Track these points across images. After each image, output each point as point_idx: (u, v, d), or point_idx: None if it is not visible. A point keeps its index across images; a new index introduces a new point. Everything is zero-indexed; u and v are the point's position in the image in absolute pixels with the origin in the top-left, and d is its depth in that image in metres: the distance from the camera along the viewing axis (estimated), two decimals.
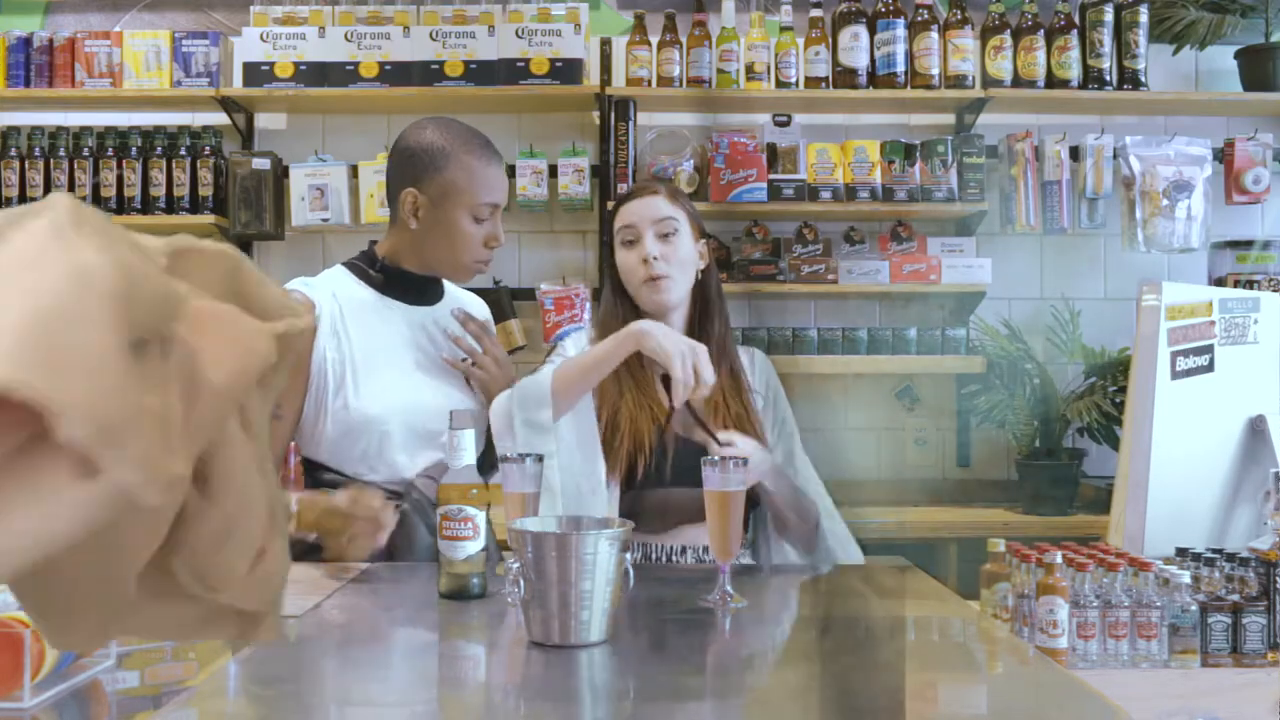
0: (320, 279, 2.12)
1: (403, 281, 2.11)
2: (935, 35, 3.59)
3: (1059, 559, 1.60)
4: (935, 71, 3.60)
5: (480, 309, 2.27)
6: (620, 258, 2.11)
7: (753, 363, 2.22)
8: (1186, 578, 1.62)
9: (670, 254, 2.07)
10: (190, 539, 0.56)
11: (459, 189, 2.03)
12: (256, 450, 0.60)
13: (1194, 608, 1.60)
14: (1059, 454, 3.46)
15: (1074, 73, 3.60)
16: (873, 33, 3.60)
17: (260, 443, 0.61)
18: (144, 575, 0.57)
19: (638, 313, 2.12)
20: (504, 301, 3.60)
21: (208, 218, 3.62)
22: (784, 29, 3.65)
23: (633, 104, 3.61)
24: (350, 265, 2.14)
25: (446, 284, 2.21)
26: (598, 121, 3.68)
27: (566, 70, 3.57)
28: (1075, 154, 3.67)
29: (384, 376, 2.04)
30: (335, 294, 2.08)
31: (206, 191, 3.65)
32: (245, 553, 0.60)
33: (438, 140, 2.05)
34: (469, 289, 2.30)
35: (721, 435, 1.91)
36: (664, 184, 2.20)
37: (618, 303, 2.15)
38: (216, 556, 0.58)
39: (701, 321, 2.15)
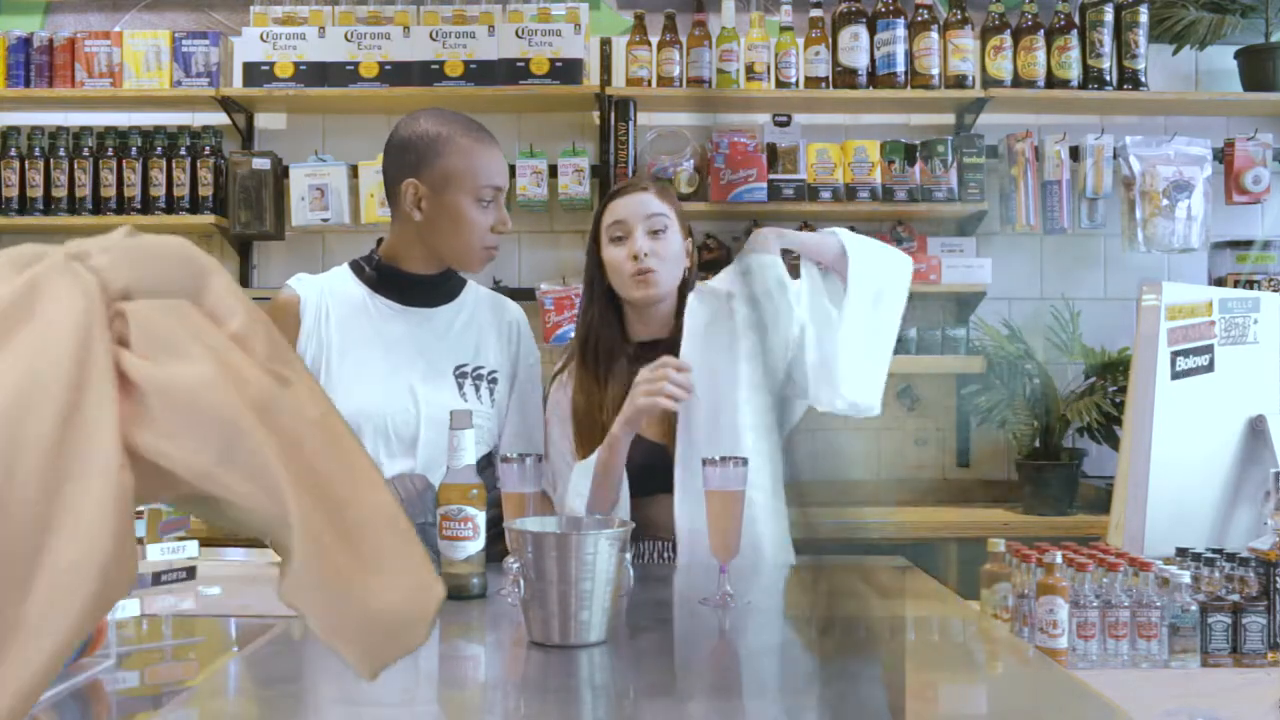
0: (322, 276, 2.11)
1: (398, 281, 2.06)
2: (935, 35, 3.59)
3: (1059, 559, 1.60)
4: (935, 71, 3.60)
5: (510, 311, 2.19)
6: (609, 254, 2.08)
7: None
8: (1186, 578, 1.62)
9: (660, 249, 2.06)
10: None
11: (460, 174, 1.99)
12: None
13: (1194, 608, 1.60)
14: (1059, 454, 3.46)
15: (1074, 73, 3.60)
16: (873, 33, 3.60)
17: None
18: None
19: (620, 314, 2.13)
20: None
21: (208, 218, 3.62)
22: (784, 29, 3.65)
23: (633, 104, 3.61)
24: (353, 263, 2.12)
25: (469, 287, 2.15)
26: (598, 121, 3.68)
27: (566, 70, 3.57)
28: (1075, 154, 3.66)
29: (358, 378, 1.99)
30: (325, 290, 2.05)
31: (206, 191, 3.64)
32: None
33: (433, 128, 2.01)
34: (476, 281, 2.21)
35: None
36: (653, 181, 2.18)
37: (595, 306, 2.13)
38: None
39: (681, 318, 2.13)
